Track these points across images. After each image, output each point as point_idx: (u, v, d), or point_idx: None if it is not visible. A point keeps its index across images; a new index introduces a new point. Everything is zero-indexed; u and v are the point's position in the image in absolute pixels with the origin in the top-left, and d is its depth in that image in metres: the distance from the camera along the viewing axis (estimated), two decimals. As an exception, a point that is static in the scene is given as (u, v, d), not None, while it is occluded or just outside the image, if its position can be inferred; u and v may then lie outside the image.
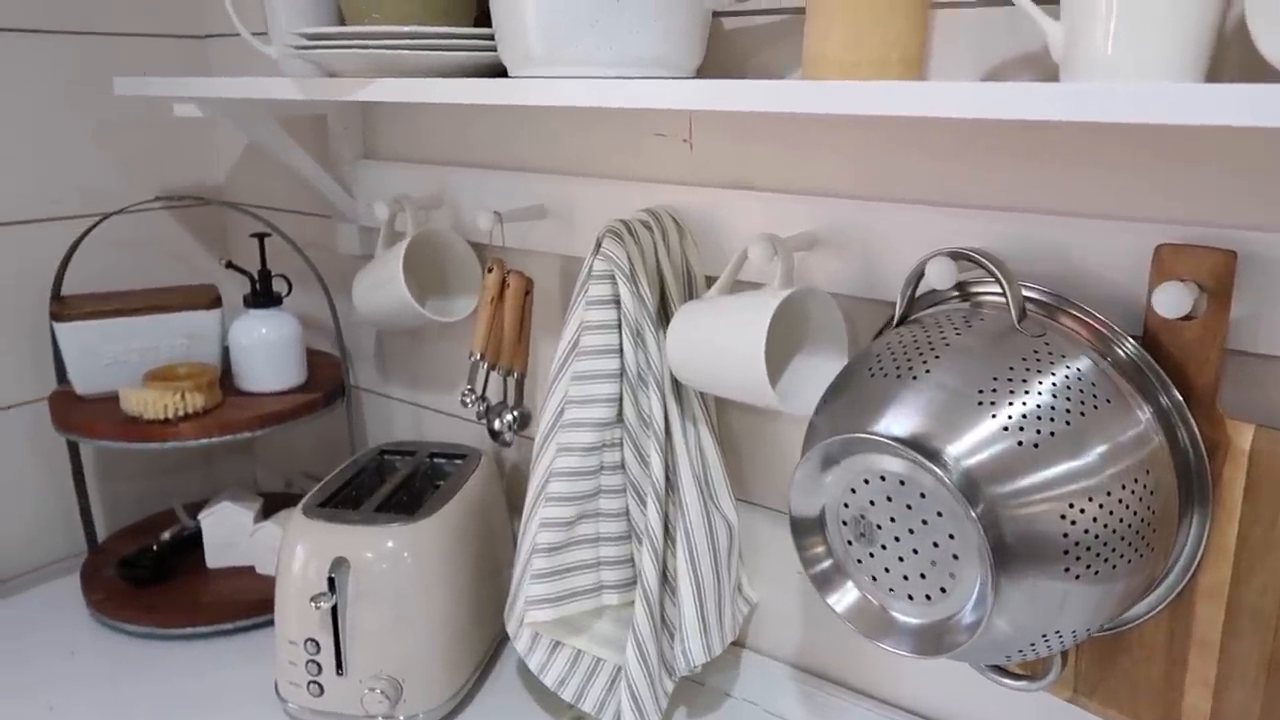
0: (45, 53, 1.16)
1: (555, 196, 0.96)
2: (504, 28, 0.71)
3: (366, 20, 0.80)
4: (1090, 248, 0.67)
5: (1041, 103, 0.49)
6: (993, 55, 0.69)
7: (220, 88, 0.92)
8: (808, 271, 0.80)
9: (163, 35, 1.27)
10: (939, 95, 0.52)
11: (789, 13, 0.78)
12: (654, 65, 0.69)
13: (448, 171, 1.05)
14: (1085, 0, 0.54)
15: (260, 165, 1.30)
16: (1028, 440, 0.56)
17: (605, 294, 0.80)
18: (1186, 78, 0.53)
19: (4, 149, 1.15)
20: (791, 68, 0.79)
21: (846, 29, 0.60)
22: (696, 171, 0.87)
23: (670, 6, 0.68)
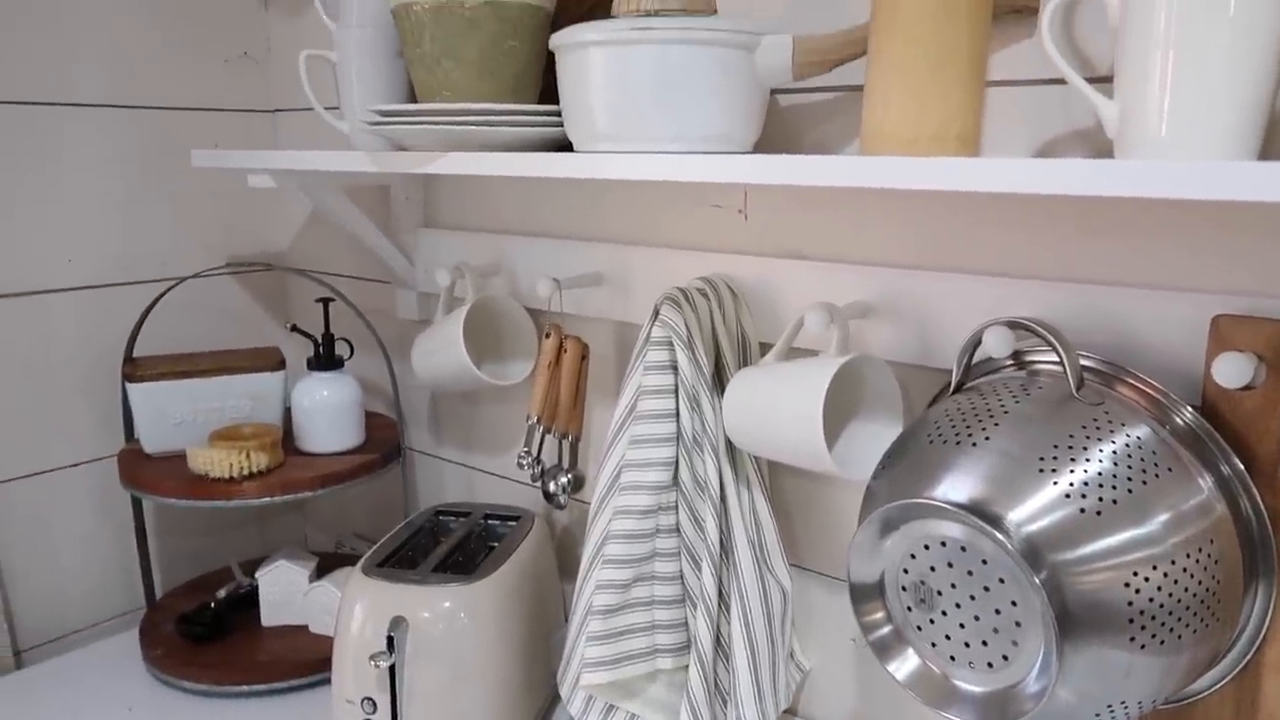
0: (124, 127, 1.23)
1: (612, 264, 0.99)
2: (571, 106, 0.75)
3: (438, 98, 0.84)
4: (1147, 317, 0.68)
5: (1097, 179, 0.50)
6: (1047, 131, 0.71)
7: (295, 160, 0.97)
8: (862, 339, 0.82)
9: (234, 110, 1.33)
10: (995, 171, 0.54)
11: (843, 90, 0.81)
12: (714, 141, 0.72)
13: (506, 239, 1.09)
14: (1139, 81, 0.56)
15: (324, 232, 1.35)
16: (1089, 507, 0.57)
17: (663, 359, 0.82)
18: (1240, 156, 0.55)
19: (85, 217, 1.21)
20: (846, 142, 0.82)
21: (905, 106, 0.62)
22: (751, 241, 0.90)
23: (729, 85, 0.71)
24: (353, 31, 0.96)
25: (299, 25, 1.32)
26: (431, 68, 0.83)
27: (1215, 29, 0.53)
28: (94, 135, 1.20)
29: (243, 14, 1.33)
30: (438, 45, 0.82)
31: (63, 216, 1.19)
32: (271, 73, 1.36)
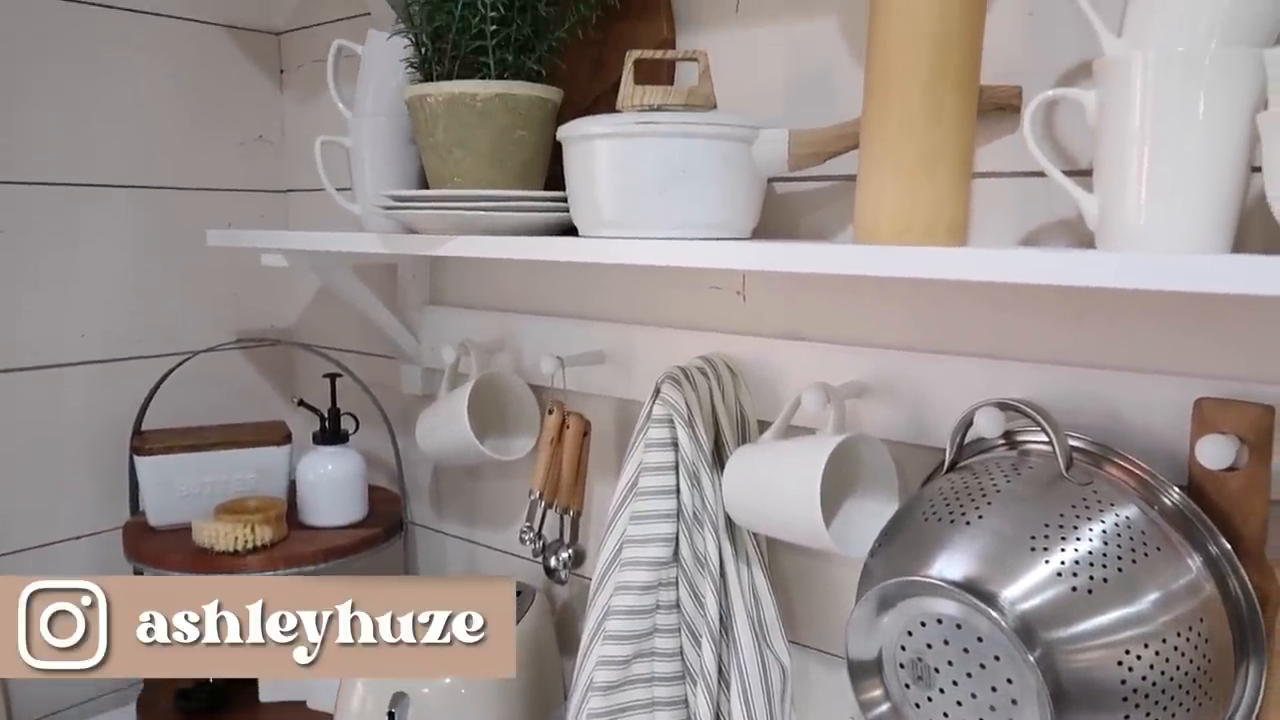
0: (140, 206, 1.27)
1: (614, 343, 1.02)
2: (578, 193, 0.78)
3: (449, 184, 0.88)
4: (1133, 399, 0.70)
5: (1076, 271, 0.53)
6: (1032, 220, 0.74)
7: (309, 241, 1.00)
8: (858, 418, 0.84)
9: (248, 190, 1.37)
10: (981, 262, 0.57)
11: (837, 179, 0.84)
12: (714, 228, 0.75)
13: (511, 317, 1.12)
14: (1117, 177, 0.59)
15: (331, 308, 1.38)
16: (1081, 585, 0.58)
17: (664, 437, 0.84)
18: (1214, 248, 0.58)
19: (99, 293, 1.24)
20: (840, 228, 0.85)
21: (896, 199, 0.65)
22: (750, 322, 0.92)
23: (729, 176, 0.75)
24: (367, 120, 1.00)
25: (312, 109, 1.37)
26: (444, 156, 0.87)
27: (1187, 128, 0.57)
28: (111, 215, 1.24)
29: (259, 98, 1.38)
30: (450, 135, 0.86)
31: (77, 293, 1.22)
32: (285, 154, 1.41)
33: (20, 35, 1.15)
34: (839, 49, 0.84)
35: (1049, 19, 0.73)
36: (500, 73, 0.86)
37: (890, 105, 0.65)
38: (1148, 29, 0.58)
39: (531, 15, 0.87)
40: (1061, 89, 0.63)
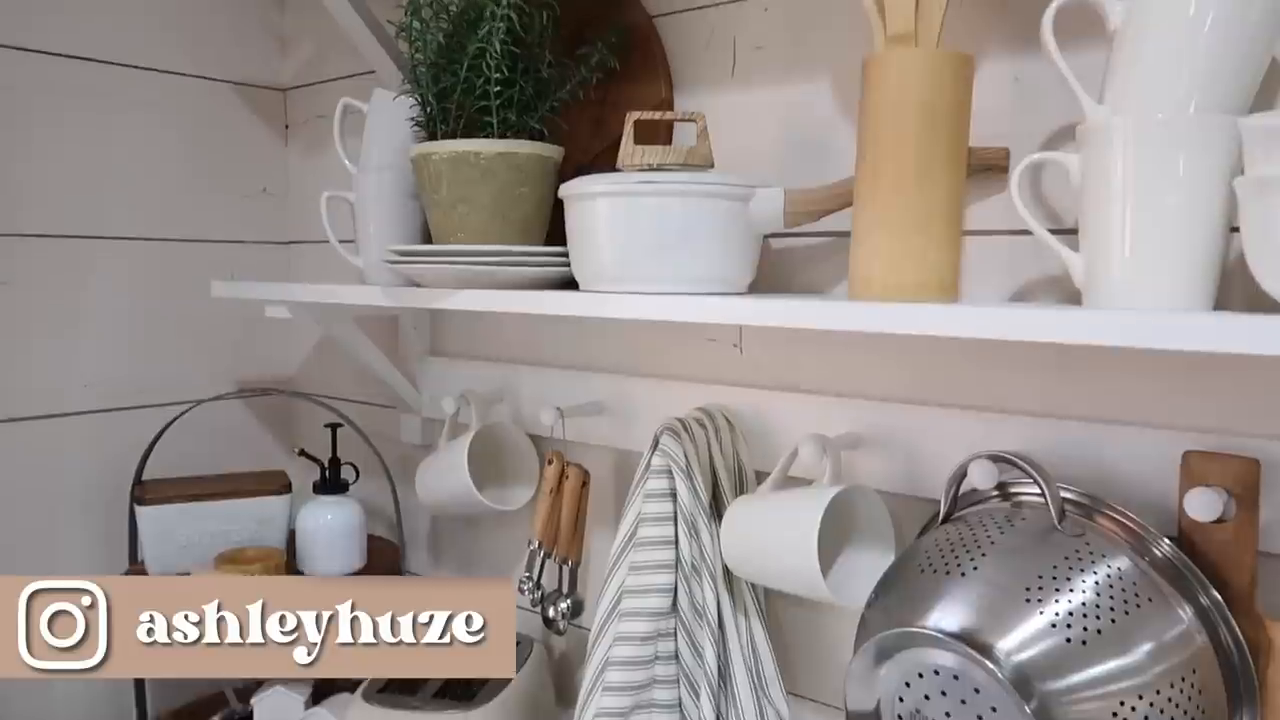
0: (146, 257, 1.29)
1: (613, 394, 1.03)
2: (579, 249, 0.80)
3: (453, 239, 0.90)
4: (1123, 452, 0.71)
5: (1063, 329, 0.55)
6: (1020, 276, 0.76)
7: (314, 294, 1.02)
8: (854, 469, 0.85)
9: (251, 242, 1.40)
10: (971, 319, 0.59)
11: (831, 235, 0.87)
12: (712, 283, 0.77)
13: (510, 369, 1.13)
14: (1101, 236, 0.61)
15: (331, 357, 1.39)
16: (1075, 637, 0.59)
17: (663, 488, 0.85)
18: (1196, 305, 0.60)
19: (103, 344, 1.25)
20: (834, 282, 0.87)
21: (889, 257, 0.67)
22: (746, 374, 0.94)
23: (726, 233, 0.77)
24: (372, 175, 1.02)
25: (316, 162, 1.39)
26: (448, 211, 0.89)
27: (1167, 191, 0.59)
28: (117, 266, 1.26)
29: (264, 152, 1.41)
30: (454, 191, 0.88)
31: (81, 343, 1.24)
32: (288, 207, 1.43)
33: (30, 91, 1.18)
34: (832, 110, 0.86)
35: (1034, 84, 0.75)
36: (503, 132, 0.88)
37: (882, 167, 0.67)
38: (1128, 96, 0.61)
39: (534, 77, 0.90)
40: (1046, 153, 0.65)
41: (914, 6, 0.68)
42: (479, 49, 0.86)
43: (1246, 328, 0.49)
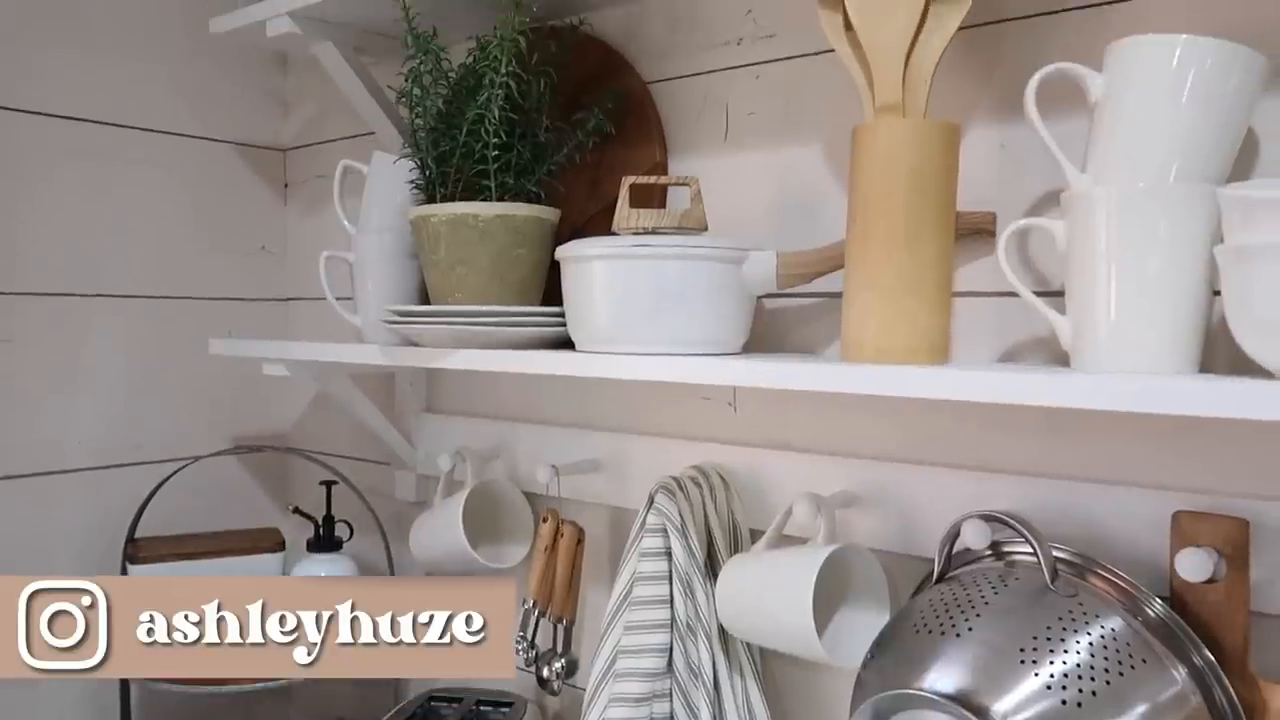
0: (144, 315, 1.30)
1: (608, 451, 1.04)
2: (575, 310, 0.82)
3: (450, 299, 0.91)
4: (1113, 511, 0.72)
5: (1049, 393, 0.57)
6: (1009, 337, 0.78)
7: (313, 352, 1.03)
8: (848, 527, 0.85)
9: (249, 299, 1.41)
10: (960, 383, 0.60)
11: (823, 296, 0.88)
12: (706, 344, 0.79)
13: (506, 426, 1.14)
14: (1087, 300, 0.63)
15: (326, 413, 1.39)
16: (1071, 698, 0.59)
17: (658, 547, 0.86)
18: (1182, 368, 0.61)
19: (99, 400, 1.25)
20: (827, 342, 0.89)
21: (881, 320, 0.69)
22: (740, 432, 0.95)
23: (721, 295, 0.78)
24: (371, 235, 1.04)
25: (315, 221, 1.41)
26: (446, 273, 0.90)
27: (1149, 258, 0.61)
28: (115, 323, 1.27)
29: (264, 211, 1.43)
30: (452, 253, 0.89)
31: (77, 400, 1.24)
32: (287, 264, 1.45)
33: (31, 151, 1.20)
34: (823, 173, 0.88)
35: (1019, 150, 0.77)
36: (501, 195, 0.90)
37: (873, 232, 0.69)
38: (1109, 165, 0.63)
39: (532, 141, 0.92)
40: (1032, 219, 0.67)
41: (902, 78, 0.70)
42: (478, 115, 0.88)
43: (1230, 392, 0.50)
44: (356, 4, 1.01)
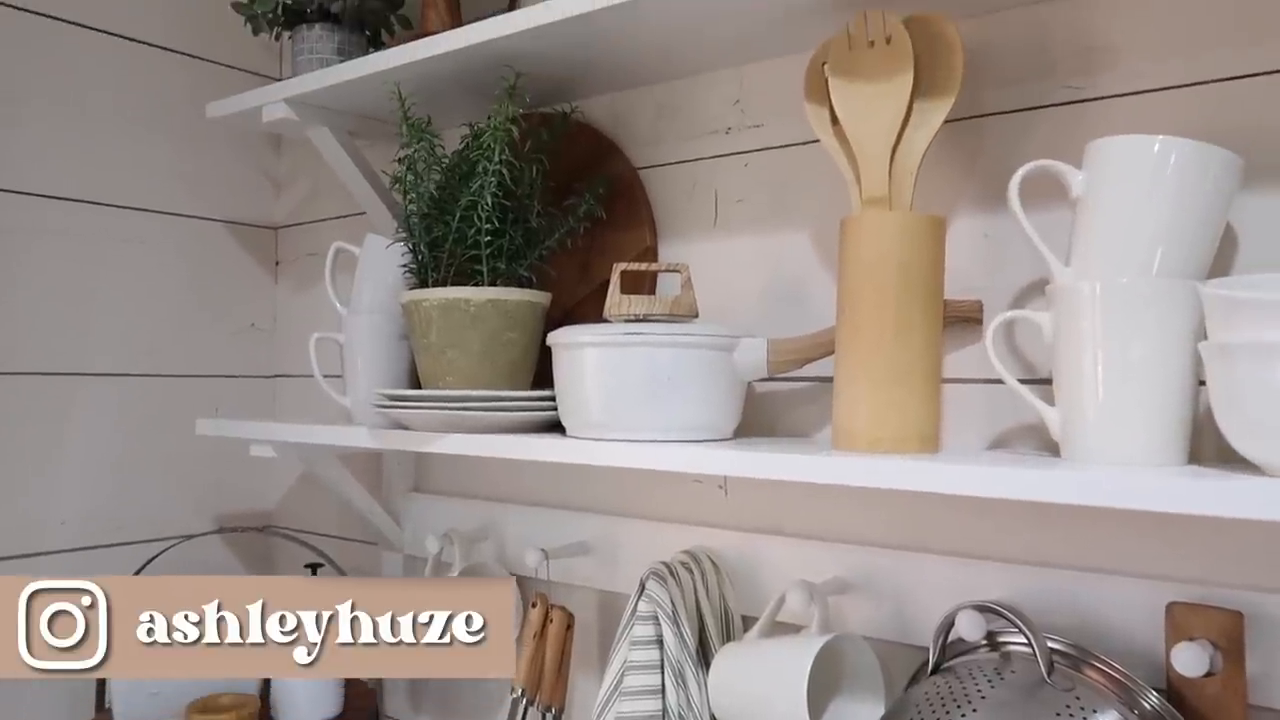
0: (130, 394, 1.29)
1: (597, 534, 1.03)
2: (566, 396, 0.82)
3: (441, 383, 0.91)
4: (1107, 601, 0.72)
5: (1036, 488, 0.57)
6: (999, 424, 0.78)
7: (302, 434, 1.02)
8: (841, 614, 0.85)
9: (237, 376, 1.40)
10: (951, 477, 0.60)
11: (813, 380, 0.88)
12: (697, 430, 0.79)
13: (495, 507, 1.13)
14: (1074, 393, 0.64)
15: (312, 493, 1.38)
16: (1070, 799, 0.58)
17: (649, 634, 0.84)
18: (1170, 459, 0.62)
19: (82, 480, 1.24)
20: (818, 426, 0.89)
21: (871, 410, 0.69)
22: (731, 516, 0.94)
23: (712, 382, 0.79)
24: (362, 317, 1.04)
25: (305, 298, 1.42)
26: (437, 356, 0.90)
27: (1134, 351, 0.61)
28: (101, 402, 1.26)
29: (254, 288, 1.43)
30: (444, 337, 0.90)
31: (61, 480, 1.23)
32: (275, 341, 1.45)
33: (21, 231, 1.20)
34: (811, 259, 0.90)
35: (1002, 239, 0.79)
36: (493, 279, 0.91)
37: (862, 323, 0.69)
38: (1092, 259, 0.64)
39: (523, 227, 0.93)
40: (1018, 311, 0.68)
41: (888, 172, 0.71)
42: (471, 201, 0.89)
43: (1219, 491, 0.50)
44: (351, 91, 1.02)
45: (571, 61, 0.93)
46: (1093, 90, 0.75)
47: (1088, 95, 0.75)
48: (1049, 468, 0.60)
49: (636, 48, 0.90)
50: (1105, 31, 0.74)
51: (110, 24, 1.27)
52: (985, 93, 0.79)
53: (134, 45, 1.29)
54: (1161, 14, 0.72)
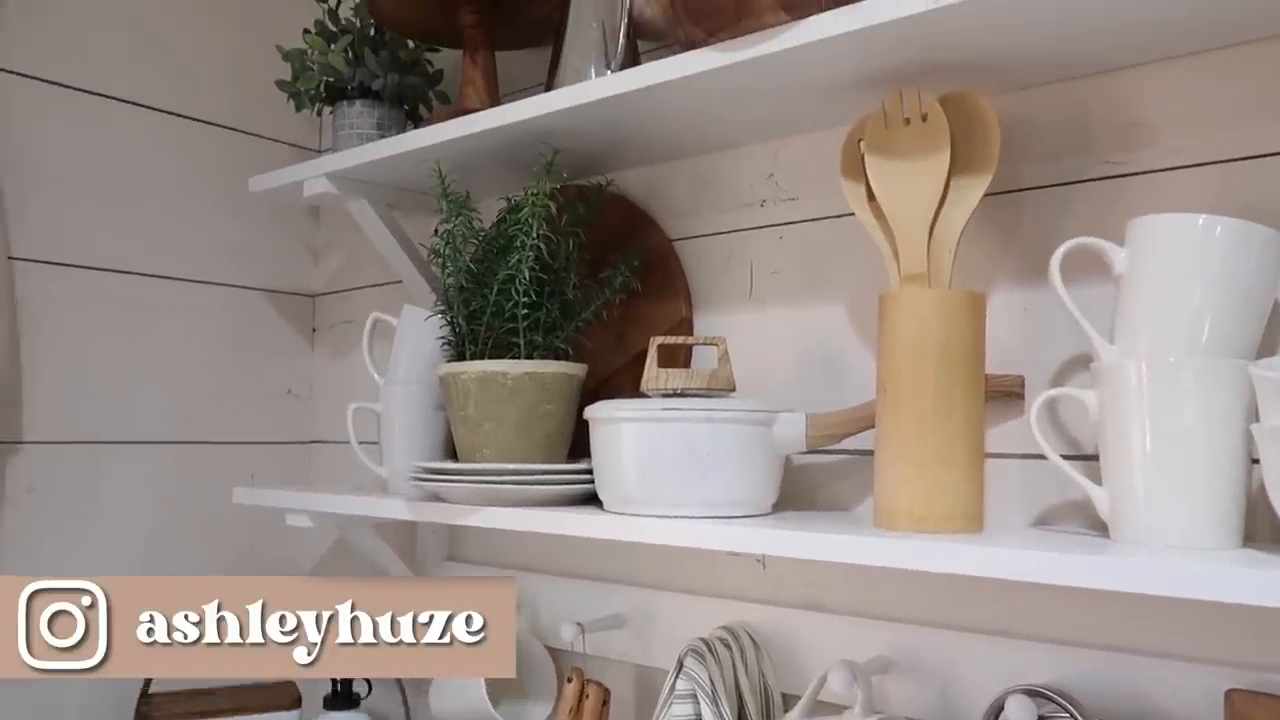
0: (167, 461, 1.30)
1: (634, 607, 1.02)
2: (604, 470, 0.82)
3: (478, 455, 0.91)
4: (1162, 686, 0.70)
5: (1086, 575, 0.56)
6: (1043, 500, 0.77)
7: (336, 504, 1.02)
8: (885, 694, 0.83)
9: (273, 443, 1.41)
10: (998, 560, 0.59)
11: (853, 454, 0.88)
12: (735, 506, 0.78)
13: (530, 577, 1.12)
14: (1123, 473, 0.62)
15: (346, 560, 1.38)
16: None
17: (688, 714, 0.83)
18: (1223, 542, 0.60)
19: (116, 549, 1.25)
20: (857, 500, 0.88)
21: (913, 489, 0.68)
22: (770, 590, 0.93)
23: (750, 457, 0.78)
24: (399, 387, 1.05)
25: (341, 365, 1.43)
26: (474, 429, 0.91)
27: (1183, 431, 0.60)
28: (138, 469, 1.27)
29: (292, 355, 1.45)
30: (481, 410, 0.90)
31: (98, 546, 1.23)
32: (312, 407, 1.46)
33: (68, 302, 1.22)
34: (848, 331, 0.89)
35: (1042, 313, 0.78)
36: (529, 352, 0.91)
37: (903, 401, 0.69)
38: (1137, 337, 0.63)
39: (560, 299, 0.94)
40: (1063, 389, 0.67)
41: (926, 248, 0.72)
42: (509, 275, 0.90)
43: (1273, 582, 0.49)
44: (391, 165, 1.05)
45: (607, 137, 0.95)
46: (1132, 165, 0.75)
47: (1127, 170, 0.75)
48: (1099, 552, 0.59)
49: (670, 125, 0.92)
50: (1142, 107, 0.75)
51: (158, 100, 1.30)
52: (1023, 167, 0.79)
53: (179, 120, 1.33)
54: (1197, 90, 0.72)
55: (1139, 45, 0.71)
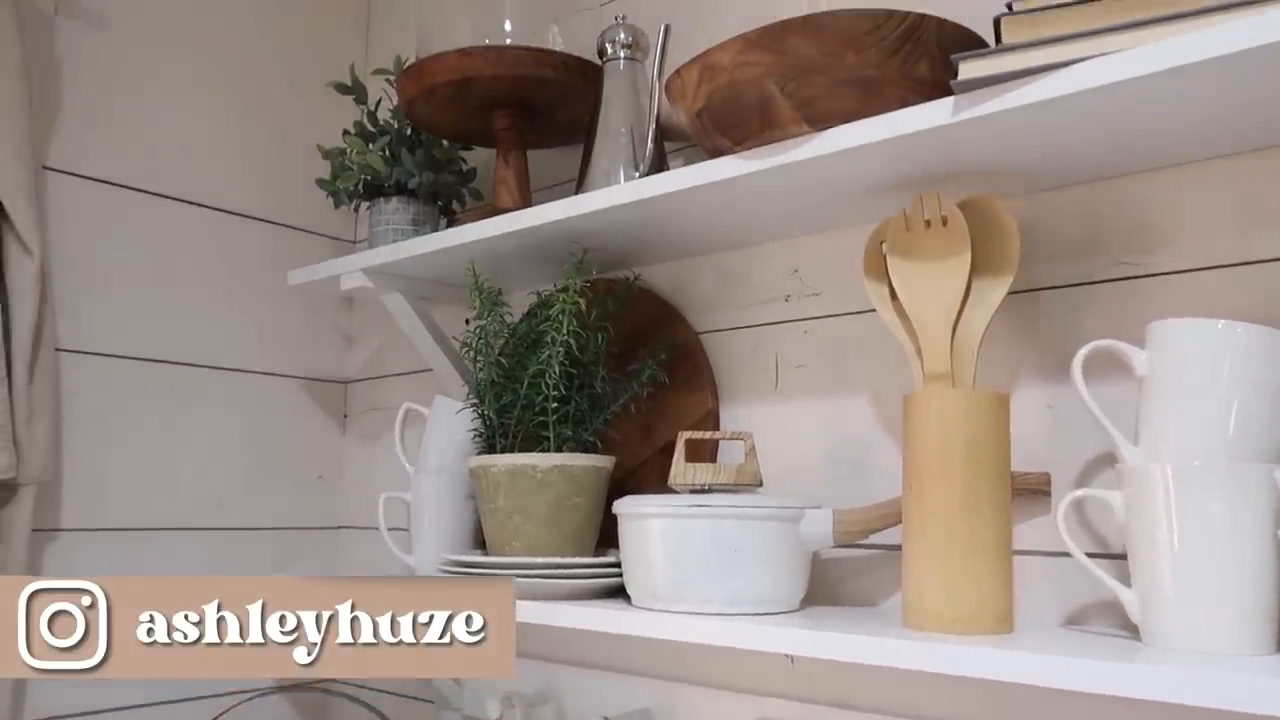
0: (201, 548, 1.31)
1: (660, 701, 1.01)
2: (631, 564, 0.82)
3: (507, 547, 0.92)
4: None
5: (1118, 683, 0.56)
6: (1073, 599, 0.77)
7: (365, 596, 1.03)
8: (916, 797, 0.81)
9: (302, 528, 1.43)
10: (1035, 667, 0.59)
11: (881, 548, 0.88)
12: (762, 602, 0.79)
13: (555, 669, 1.12)
14: (1151, 577, 0.63)
15: (372, 647, 1.38)
16: None
17: (716, 815, 0.82)
18: (1257, 647, 0.60)
19: (150, 635, 1.25)
20: (884, 596, 0.88)
21: (942, 589, 0.68)
22: (798, 686, 0.92)
23: (778, 553, 0.79)
24: (429, 477, 1.07)
25: (371, 449, 1.45)
26: (504, 521, 0.92)
27: (1211, 536, 0.61)
28: (171, 558, 1.28)
29: (323, 440, 1.47)
30: (510, 502, 0.91)
31: (129, 634, 1.24)
32: (341, 492, 1.48)
33: (110, 392, 1.25)
34: (872, 424, 0.90)
35: (1066, 412, 0.79)
36: (559, 444, 0.93)
37: (930, 500, 0.70)
38: (1162, 439, 0.64)
39: (589, 393, 0.96)
40: (1089, 490, 0.68)
41: (949, 348, 0.73)
42: (539, 370, 0.92)
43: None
44: (426, 261, 1.08)
45: (635, 235, 0.98)
46: (1149, 266, 0.76)
47: (1144, 271, 0.76)
48: (1129, 659, 0.58)
49: (696, 224, 0.95)
50: (1156, 210, 0.76)
51: (202, 196, 1.35)
52: (1039, 267, 0.81)
53: (219, 214, 1.37)
54: (1209, 194, 0.74)
55: (1152, 152, 0.74)
